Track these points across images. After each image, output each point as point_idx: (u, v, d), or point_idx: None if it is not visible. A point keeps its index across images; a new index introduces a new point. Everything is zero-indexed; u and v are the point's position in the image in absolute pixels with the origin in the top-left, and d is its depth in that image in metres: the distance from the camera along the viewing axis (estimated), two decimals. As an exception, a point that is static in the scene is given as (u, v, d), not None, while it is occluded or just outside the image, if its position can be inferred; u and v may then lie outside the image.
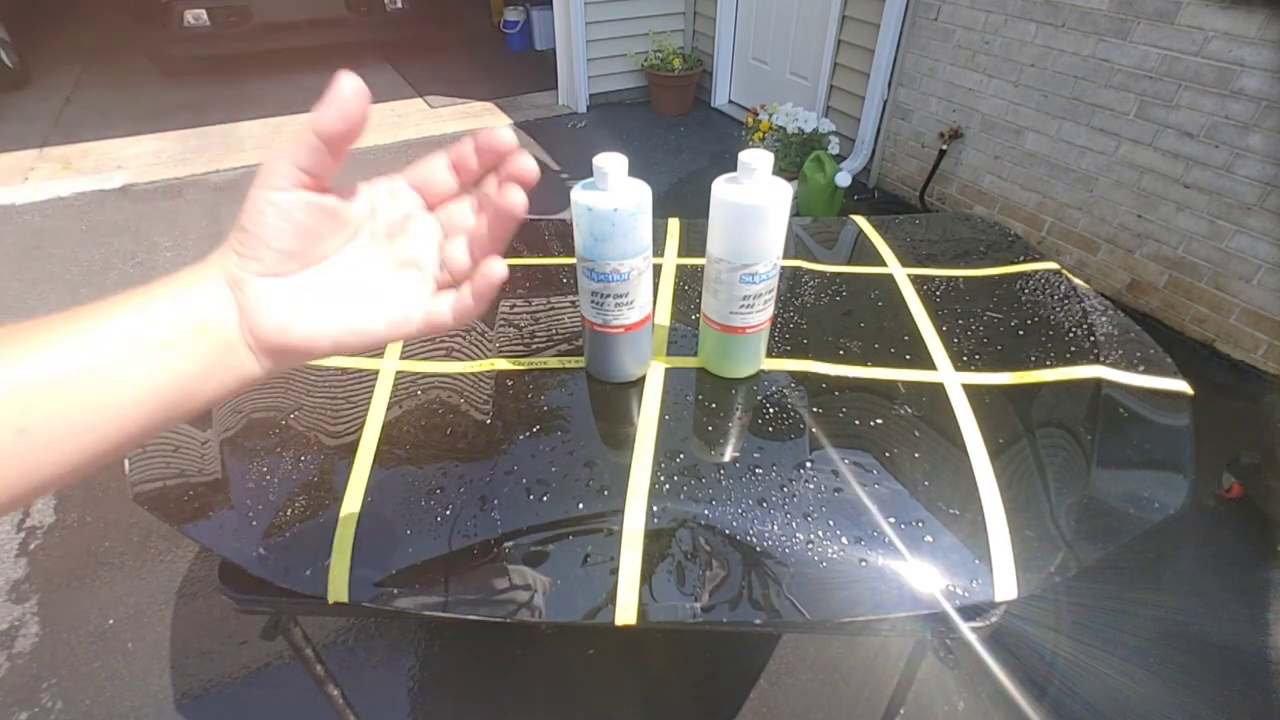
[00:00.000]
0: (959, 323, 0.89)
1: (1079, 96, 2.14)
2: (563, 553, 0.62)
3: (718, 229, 0.69)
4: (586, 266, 0.69)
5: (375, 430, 0.73)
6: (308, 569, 0.61)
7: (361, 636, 1.31)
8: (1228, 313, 1.97)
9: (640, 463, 0.68)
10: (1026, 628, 1.27)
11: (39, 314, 0.27)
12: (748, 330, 0.74)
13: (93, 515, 1.54)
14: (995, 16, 2.29)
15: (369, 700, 1.20)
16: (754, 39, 3.47)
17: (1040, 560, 0.61)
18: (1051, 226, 2.36)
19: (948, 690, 1.21)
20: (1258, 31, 1.71)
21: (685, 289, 0.96)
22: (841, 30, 2.89)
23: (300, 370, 0.82)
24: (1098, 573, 1.34)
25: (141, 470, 0.70)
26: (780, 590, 0.59)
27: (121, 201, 2.85)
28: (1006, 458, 0.70)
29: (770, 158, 0.64)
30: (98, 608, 1.36)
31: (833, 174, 2.58)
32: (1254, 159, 1.80)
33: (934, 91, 2.60)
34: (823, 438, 0.71)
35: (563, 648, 1.29)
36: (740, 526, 0.63)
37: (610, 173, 0.63)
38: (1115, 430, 0.73)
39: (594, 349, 0.77)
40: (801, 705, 1.21)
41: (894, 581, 0.60)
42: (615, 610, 0.58)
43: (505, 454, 0.71)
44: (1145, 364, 0.83)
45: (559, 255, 1.07)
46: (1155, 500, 0.67)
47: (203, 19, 3.81)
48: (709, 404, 0.76)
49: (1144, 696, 1.20)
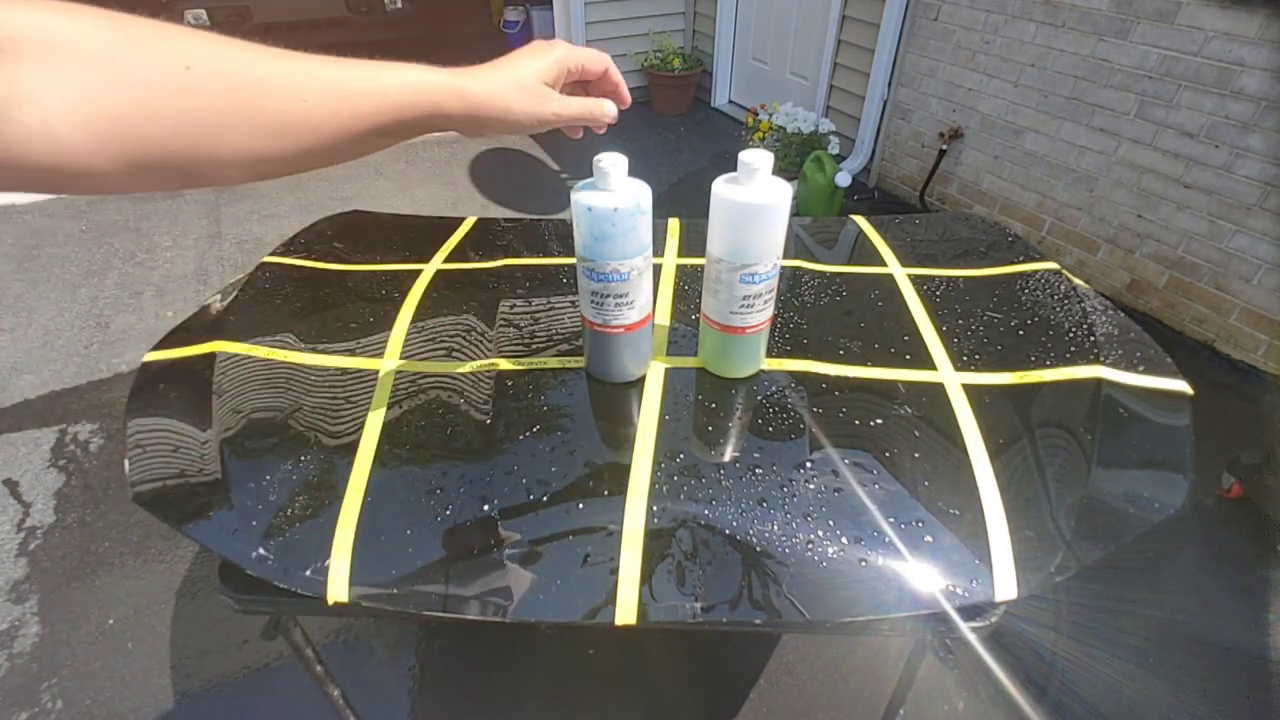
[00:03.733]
0: (959, 323, 0.89)
1: (1079, 96, 2.14)
2: (563, 553, 0.62)
3: (718, 229, 0.69)
4: (586, 266, 0.69)
5: (375, 430, 0.73)
6: (308, 569, 0.61)
7: (361, 636, 1.31)
8: (1228, 313, 1.97)
9: (640, 463, 0.68)
10: (1026, 628, 1.27)
11: (39, 314, 0.28)
12: (748, 330, 0.74)
13: (93, 515, 1.54)
14: (995, 16, 2.29)
15: (369, 700, 1.20)
16: (754, 39, 3.47)
17: (1040, 560, 0.61)
18: (1051, 226, 2.36)
19: (948, 690, 1.21)
20: (1258, 31, 1.71)
21: (685, 289, 0.96)
22: (841, 30, 2.89)
23: (300, 370, 0.82)
24: (1098, 573, 1.34)
25: (141, 470, 0.70)
26: (780, 590, 0.59)
27: (121, 201, 2.85)
28: (1006, 458, 0.70)
29: (770, 157, 0.64)
30: (98, 608, 1.36)
31: (833, 174, 2.58)
32: (1254, 159, 1.80)
33: (934, 91, 2.60)
34: (823, 438, 0.71)
35: (563, 648, 1.29)
36: (740, 526, 0.63)
37: (610, 173, 0.63)
38: (1115, 430, 0.73)
39: (594, 349, 0.77)
40: (801, 705, 1.21)
41: (894, 581, 0.60)
42: (615, 610, 0.58)
43: (505, 454, 0.71)
44: (1145, 364, 0.83)
45: (559, 255, 1.07)
46: (1155, 500, 0.67)
47: (203, 19, 3.81)
48: (709, 404, 0.76)
49: (1144, 696, 1.20)
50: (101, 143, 0.33)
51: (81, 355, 2.03)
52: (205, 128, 0.36)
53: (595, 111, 0.55)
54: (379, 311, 0.92)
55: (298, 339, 0.87)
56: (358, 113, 0.41)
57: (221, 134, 0.36)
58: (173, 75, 0.34)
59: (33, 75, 0.31)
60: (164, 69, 0.34)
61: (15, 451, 1.71)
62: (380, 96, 0.42)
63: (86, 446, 1.72)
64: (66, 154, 0.32)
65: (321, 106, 0.39)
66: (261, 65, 0.38)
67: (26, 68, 0.30)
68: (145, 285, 2.34)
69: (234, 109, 0.36)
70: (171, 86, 0.34)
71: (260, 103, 0.37)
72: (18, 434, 1.76)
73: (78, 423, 1.79)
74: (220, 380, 0.79)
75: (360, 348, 0.86)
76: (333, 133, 0.41)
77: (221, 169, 0.38)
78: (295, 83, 0.39)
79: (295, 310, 0.94)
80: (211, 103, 0.36)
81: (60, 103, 0.31)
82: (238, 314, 0.91)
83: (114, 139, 0.33)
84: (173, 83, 0.34)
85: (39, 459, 1.68)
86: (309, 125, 0.39)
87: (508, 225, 1.20)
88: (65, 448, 1.72)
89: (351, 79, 0.41)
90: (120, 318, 2.18)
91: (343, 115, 0.41)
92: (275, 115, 0.38)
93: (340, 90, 0.40)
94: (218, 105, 0.36)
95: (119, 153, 0.34)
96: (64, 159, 0.32)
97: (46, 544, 1.48)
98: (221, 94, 0.36)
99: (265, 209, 2.81)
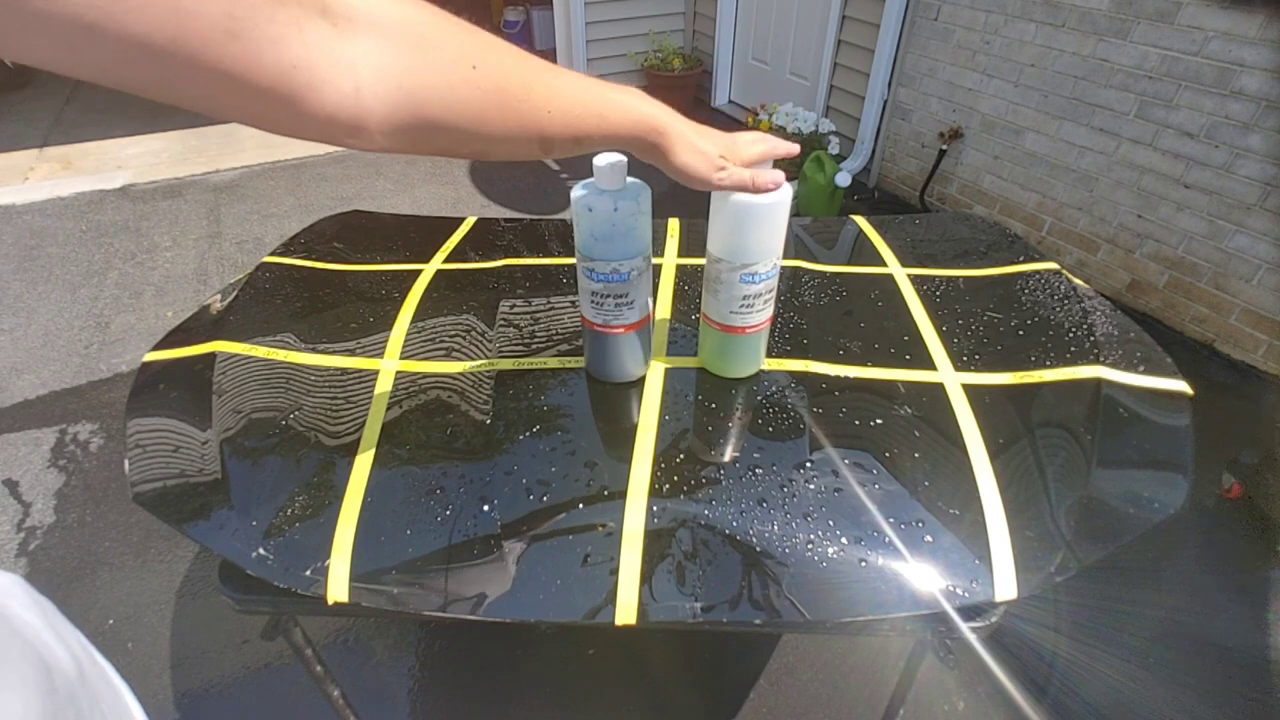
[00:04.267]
0: (959, 323, 0.89)
1: (1079, 96, 2.14)
2: (563, 553, 0.62)
3: (717, 229, 0.69)
4: (586, 266, 0.69)
5: (375, 430, 0.73)
6: (308, 569, 0.61)
7: (361, 636, 1.31)
8: (1228, 313, 1.97)
9: (640, 463, 0.68)
10: (1026, 628, 1.27)
11: (39, 314, 0.28)
12: (748, 330, 0.74)
13: (93, 515, 1.54)
14: (995, 16, 2.29)
15: (369, 700, 1.20)
16: (754, 39, 3.46)
17: (1040, 560, 0.61)
18: (1051, 226, 2.36)
19: (948, 690, 1.21)
20: (1258, 31, 1.71)
21: (685, 289, 0.96)
22: (841, 30, 2.89)
23: (300, 370, 0.82)
24: (1098, 573, 1.34)
25: (141, 470, 0.70)
26: (780, 590, 0.59)
27: (121, 201, 2.85)
28: (1006, 458, 0.70)
29: (770, 158, 0.64)
30: (98, 608, 1.36)
31: (833, 174, 2.58)
32: (1254, 159, 1.80)
33: (934, 91, 2.60)
34: (823, 438, 0.71)
35: (563, 648, 1.29)
36: (740, 526, 0.63)
37: (610, 172, 0.64)
38: (1115, 430, 0.73)
39: (594, 349, 0.77)
40: (801, 705, 1.21)
41: (894, 581, 0.60)
42: (615, 610, 0.58)
43: (505, 454, 0.71)
44: (1145, 364, 0.83)
45: (559, 255, 1.07)
46: (1155, 500, 0.67)
47: (203, 19, 3.81)
48: (709, 404, 0.76)
49: (1144, 696, 1.20)
50: (390, 110, 0.39)
51: (81, 355, 2.03)
52: (472, 116, 0.43)
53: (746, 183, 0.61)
54: (379, 311, 0.92)
55: (298, 339, 0.87)
56: (582, 129, 0.49)
57: (482, 124, 0.43)
58: (462, 69, 0.41)
59: (356, 46, 0.36)
60: (456, 63, 0.41)
61: (15, 451, 1.71)
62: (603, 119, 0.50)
63: (86, 446, 1.72)
64: (363, 117, 0.38)
65: (559, 119, 0.47)
66: (527, 75, 0.45)
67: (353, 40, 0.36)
68: (145, 285, 2.34)
69: (497, 106, 0.43)
70: (459, 78, 0.41)
71: (517, 105, 0.45)
72: (18, 434, 1.76)
73: (78, 423, 1.79)
74: (220, 380, 0.79)
75: (360, 348, 0.86)
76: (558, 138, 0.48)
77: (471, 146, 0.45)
78: (547, 95, 0.46)
79: (295, 310, 0.94)
80: (483, 98, 0.42)
81: (371, 73, 0.37)
82: (238, 314, 0.91)
83: (402, 111, 0.39)
84: (460, 76, 0.41)
85: (39, 459, 1.68)
86: (543, 131, 0.47)
87: (508, 225, 1.20)
88: (65, 448, 1.72)
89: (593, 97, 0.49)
90: (120, 318, 2.18)
91: (574, 127, 0.49)
92: (526, 117, 0.46)
93: (573, 110, 0.48)
94: (486, 102, 0.43)
95: (401, 122, 0.40)
96: (360, 121, 0.38)
97: (46, 544, 1.48)
98: (493, 92, 0.43)
99: (265, 209, 2.81)
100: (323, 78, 0.35)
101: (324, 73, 0.35)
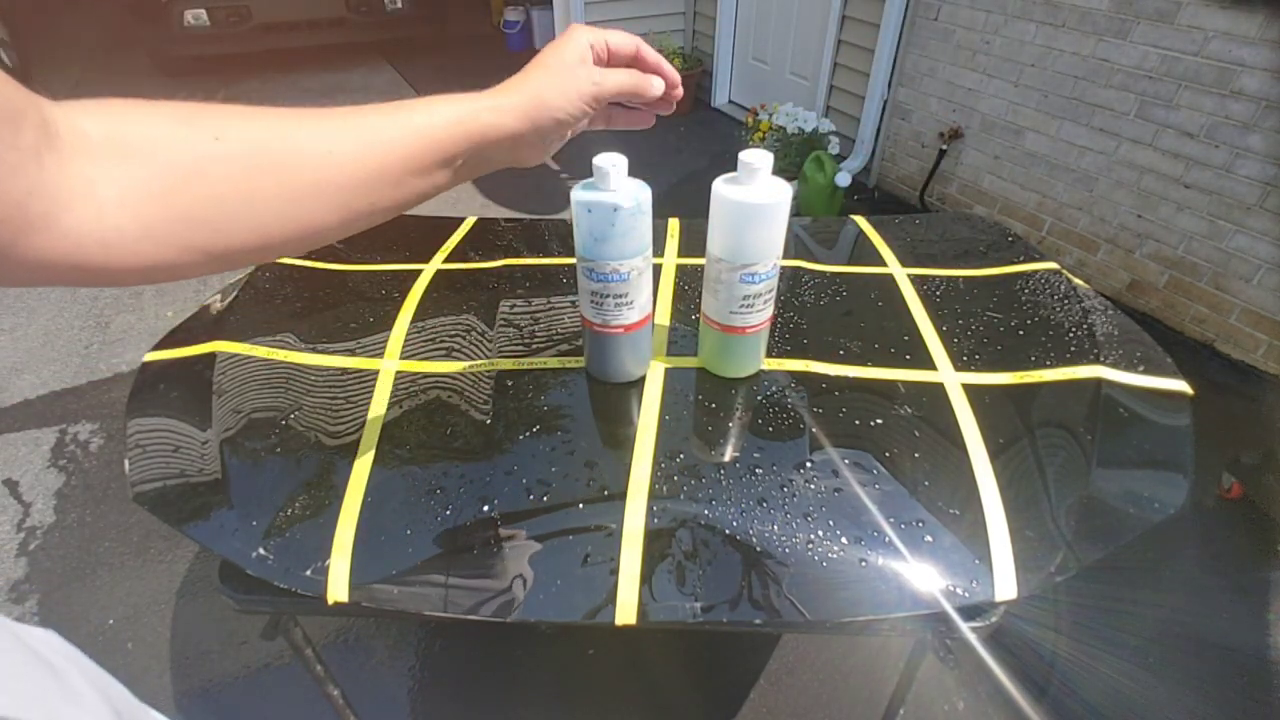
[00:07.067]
0: (959, 323, 0.89)
1: (1079, 96, 2.14)
2: (563, 553, 0.62)
3: (718, 229, 0.69)
4: (586, 266, 0.69)
5: (375, 430, 0.73)
6: (308, 569, 0.61)
7: (361, 636, 1.31)
8: (1228, 313, 1.97)
9: (640, 463, 0.68)
10: (1026, 628, 1.27)
11: (39, 314, 0.28)
12: (748, 330, 0.74)
13: (93, 515, 1.54)
14: (995, 16, 2.29)
15: (369, 700, 1.20)
16: (754, 39, 3.46)
17: (1040, 560, 0.61)
18: (1051, 226, 2.36)
19: (948, 690, 1.21)
20: (1258, 31, 1.71)
21: (685, 289, 0.96)
22: (841, 30, 2.89)
23: (300, 370, 0.82)
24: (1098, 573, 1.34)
25: (141, 470, 0.70)
26: (780, 590, 0.59)
27: (121, 201, 2.84)
28: (1006, 458, 0.70)
29: (770, 157, 0.64)
30: (98, 608, 1.36)
31: (833, 174, 2.58)
32: (1254, 159, 1.80)
33: (934, 91, 2.60)
34: (823, 438, 0.71)
35: (563, 648, 1.29)
36: (740, 526, 0.63)
37: (610, 172, 0.63)
38: (1115, 430, 0.73)
39: (594, 349, 0.77)
40: (801, 705, 1.21)
41: (894, 581, 0.60)
42: (615, 610, 0.58)
43: (505, 454, 0.71)
44: (1145, 364, 0.83)
45: (559, 255, 1.07)
46: (1155, 500, 0.67)
47: (203, 19, 3.81)
48: (709, 404, 0.76)
49: (1144, 696, 1.20)
50: (146, 227, 0.33)
51: (81, 355, 2.03)
52: (240, 197, 0.36)
53: (641, 84, 0.51)
54: (379, 311, 0.92)
55: (298, 339, 0.87)
56: (386, 156, 0.40)
57: (255, 202, 0.36)
58: (202, 148, 0.35)
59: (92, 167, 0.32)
60: (194, 142, 0.35)
61: (15, 451, 1.70)
62: (410, 134, 0.41)
63: (86, 446, 1.72)
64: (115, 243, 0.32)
65: (348, 156, 0.39)
66: (287, 125, 0.38)
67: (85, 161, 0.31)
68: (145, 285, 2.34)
69: (263, 171, 0.36)
70: (202, 158, 0.35)
71: (288, 160, 0.37)
72: (18, 434, 1.76)
73: (78, 423, 1.79)
74: (220, 380, 0.79)
75: (360, 348, 0.86)
76: (365, 181, 0.40)
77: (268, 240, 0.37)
78: (321, 136, 0.38)
79: (295, 310, 0.94)
80: (241, 168, 0.36)
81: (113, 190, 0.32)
82: (238, 314, 0.91)
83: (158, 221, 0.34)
84: (203, 154, 0.35)
85: (39, 459, 1.68)
86: (340, 178, 0.39)
87: (508, 225, 1.20)
88: (65, 448, 1.72)
89: (375, 124, 0.40)
90: (120, 318, 2.18)
91: (369, 162, 0.40)
92: (306, 173, 0.38)
93: (364, 137, 0.40)
94: (247, 170, 0.36)
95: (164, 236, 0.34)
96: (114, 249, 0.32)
97: (46, 544, 1.48)
98: (249, 156, 0.36)
99: (265, 209, 2.81)
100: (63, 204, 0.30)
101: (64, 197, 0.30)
